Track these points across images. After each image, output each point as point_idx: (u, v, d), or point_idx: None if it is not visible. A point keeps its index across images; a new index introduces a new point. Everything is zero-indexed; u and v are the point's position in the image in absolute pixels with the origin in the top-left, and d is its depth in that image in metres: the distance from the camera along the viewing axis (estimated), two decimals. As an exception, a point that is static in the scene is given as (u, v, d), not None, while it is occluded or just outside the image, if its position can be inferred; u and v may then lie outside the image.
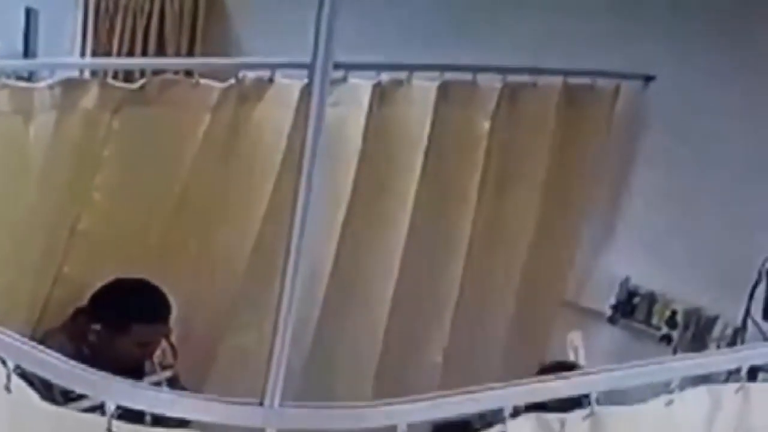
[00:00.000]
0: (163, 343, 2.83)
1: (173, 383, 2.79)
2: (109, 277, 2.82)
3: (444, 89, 3.13)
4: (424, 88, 3.13)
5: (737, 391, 1.97)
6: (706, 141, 3.21)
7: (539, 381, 1.82)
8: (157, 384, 2.66)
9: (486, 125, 3.23)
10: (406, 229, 3.22)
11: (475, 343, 3.45)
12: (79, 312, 2.83)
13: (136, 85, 2.82)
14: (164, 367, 2.82)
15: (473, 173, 3.28)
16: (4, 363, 1.59)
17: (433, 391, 1.74)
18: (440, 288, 3.37)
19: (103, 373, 1.57)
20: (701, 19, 3.18)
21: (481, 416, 1.75)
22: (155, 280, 2.80)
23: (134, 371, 2.67)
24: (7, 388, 1.58)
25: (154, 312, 2.78)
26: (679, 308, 3.32)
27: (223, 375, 3.12)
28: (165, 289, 2.83)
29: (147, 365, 2.81)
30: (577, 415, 1.80)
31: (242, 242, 3.07)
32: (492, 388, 1.73)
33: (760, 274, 3.05)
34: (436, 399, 1.70)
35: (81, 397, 1.69)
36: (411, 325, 3.35)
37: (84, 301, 2.84)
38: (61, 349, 1.60)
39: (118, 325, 2.74)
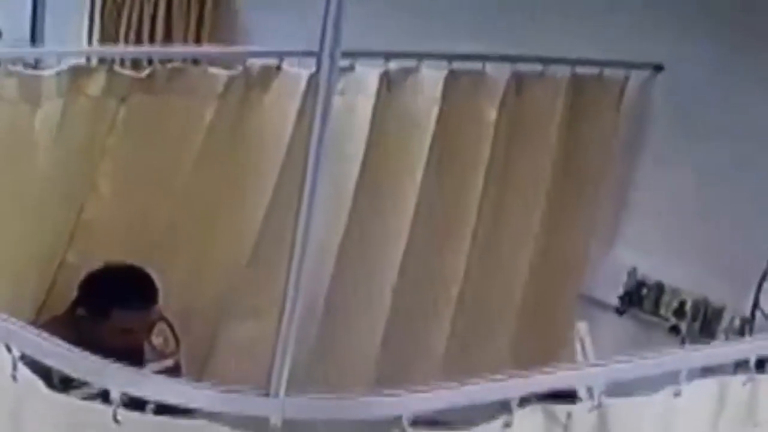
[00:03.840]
0: (166, 331, 2.81)
1: (175, 372, 2.78)
2: (113, 265, 2.81)
3: (452, 78, 3.12)
4: (432, 76, 3.12)
5: (745, 382, 1.97)
6: (714, 131, 3.19)
7: (546, 372, 1.81)
8: (158, 373, 2.65)
9: (493, 114, 3.22)
10: (412, 217, 3.21)
11: (481, 333, 3.44)
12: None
13: (143, 74, 2.82)
14: (166, 356, 2.81)
15: (480, 162, 3.26)
16: (9, 350, 1.59)
17: (436, 381, 1.73)
18: (445, 276, 3.36)
19: (109, 362, 1.57)
20: (711, 7, 3.16)
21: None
22: (160, 268, 2.79)
23: (130, 357, 2.65)
24: (13, 377, 1.58)
25: (134, 298, 2.74)
26: (687, 299, 3.30)
27: (225, 363, 3.11)
28: (172, 276, 2.82)
29: (148, 353, 2.80)
30: (583, 406, 1.79)
31: (247, 231, 3.06)
32: (498, 379, 1.73)
33: (768, 265, 3.04)
34: (442, 389, 1.69)
35: (82, 384, 1.69)
36: (415, 313, 3.35)
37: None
38: (59, 337, 1.59)
39: (98, 311, 2.71)
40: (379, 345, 3.30)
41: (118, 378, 1.56)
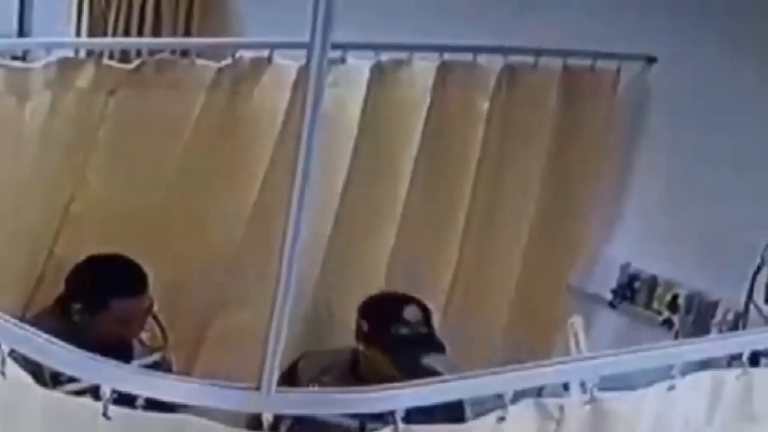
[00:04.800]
0: (154, 326, 2.80)
1: (163, 367, 2.77)
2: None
3: (443, 70, 3.10)
4: (424, 68, 3.11)
5: (739, 376, 1.96)
6: (709, 124, 3.18)
7: (539, 366, 1.80)
8: (147, 367, 2.63)
9: (486, 106, 3.21)
10: (404, 209, 3.20)
11: (473, 327, 3.43)
12: (63, 294, 2.80)
13: (132, 66, 2.80)
14: (154, 350, 2.80)
15: (472, 155, 3.25)
16: (-2, 346, 1.58)
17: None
18: (437, 268, 3.35)
19: (98, 357, 1.56)
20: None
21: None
22: (148, 261, 2.77)
23: (123, 351, 2.65)
24: (2, 373, 1.57)
25: (130, 286, 2.72)
26: (681, 293, 3.30)
27: (213, 356, 3.10)
28: (161, 270, 2.81)
29: (137, 348, 2.79)
30: (577, 400, 1.79)
31: (236, 224, 3.05)
32: (490, 373, 1.72)
33: (762, 258, 3.03)
34: (434, 384, 1.68)
35: (71, 379, 1.67)
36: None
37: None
38: (47, 332, 1.58)
39: (96, 302, 2.69)
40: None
41: (108, 374, 1.55)
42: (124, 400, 1.57)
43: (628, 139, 3.41)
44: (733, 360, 2.04)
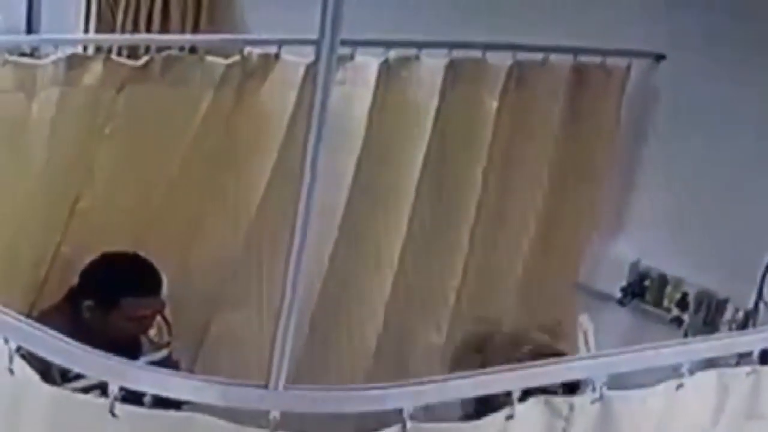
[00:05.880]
0: (160, 322, 2.80)
1: (169, 363, 2.78)
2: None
3: (452, 67, 3.09)
4: (432, 65, 3.10)
5: (748, 374, 1.96)
6: (718, 122, 3.17)
7: (546, 364, 1.79)
8: (154, 363, 2.64)
9: (494, 103, 3.20)
10: (411, 208, 3.19)
11: (480, 325, 3.42)
12: (72, 290, 2.81)
13: (140, 62, 2.80)
14: (162, 347, 2.80)
15: (481, 152, 3.24)
16: (6, 342, 1.58)
17: (433, 373, 1.73)
18: (444, 269, 3.35)
19: (107, 355, 1.56)
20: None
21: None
22: (154, 258, 2.78)
23: (131, 348, 2.65)
24: (10, 370, 1.57)
25: (143, 285, 2.73)
26: (690, 291, 3.28)
27: (216, 352, 3.11)
28: (165, 268, 2.81)
29: (144, 344, 2.79)
30: (585, 398, 1.78)
31: (242, 221, 3.05)
32: (499, 371, 1.72)
33: (772, 256, 3.03)
34: (444, 382, 1.68)
35: (79, 376, 1.68)
36: (414, 304, 3.34)
37: (80, 279, 2.82)
38: (55, 329, 1.58)
39: (107, 299, 2.69)
40: (375, 336, 3.29)
41: (118, 371, 1.55)
42: (131, 397, 1.57)
43: (637, 136, 3.39)
44: (742, 358, 2.03)
